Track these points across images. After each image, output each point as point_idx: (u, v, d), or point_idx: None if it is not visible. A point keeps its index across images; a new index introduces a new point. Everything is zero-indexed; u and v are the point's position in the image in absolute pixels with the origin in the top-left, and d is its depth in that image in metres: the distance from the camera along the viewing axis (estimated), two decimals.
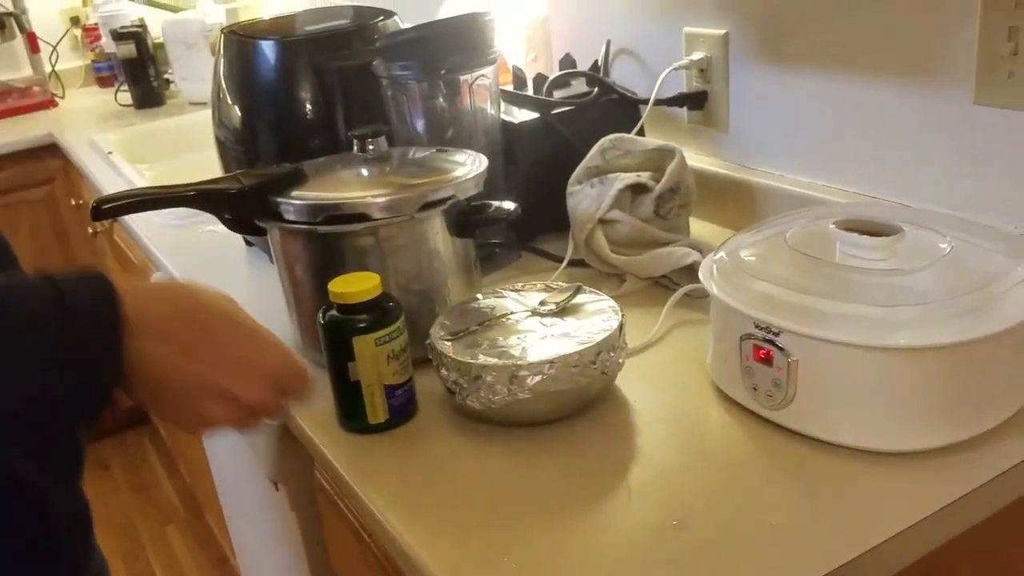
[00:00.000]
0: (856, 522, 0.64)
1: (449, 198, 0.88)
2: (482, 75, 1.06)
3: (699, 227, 1.19)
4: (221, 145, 1.25)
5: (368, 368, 0.79)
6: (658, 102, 1.20)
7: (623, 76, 1.34)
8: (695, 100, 1.19)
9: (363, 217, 0.85)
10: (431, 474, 0.76)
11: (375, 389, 0.79)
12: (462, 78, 1.05)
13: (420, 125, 1.07)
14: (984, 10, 0.84)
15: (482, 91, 1.08)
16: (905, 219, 0.79)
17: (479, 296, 0.90)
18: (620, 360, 0.81)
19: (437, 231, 0.90)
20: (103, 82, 2.88)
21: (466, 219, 0.91)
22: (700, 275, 0.81)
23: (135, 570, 2.22)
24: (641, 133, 1.21)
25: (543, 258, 1.13)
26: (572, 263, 1.09)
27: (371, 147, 0.94)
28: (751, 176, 1.15)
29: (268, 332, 0.69)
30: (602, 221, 1.06)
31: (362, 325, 0.78)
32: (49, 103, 2.63)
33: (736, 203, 1.16)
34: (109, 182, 1.81)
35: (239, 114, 1.20)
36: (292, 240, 0.90)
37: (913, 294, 0.72)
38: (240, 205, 0.88)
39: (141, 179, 1.78)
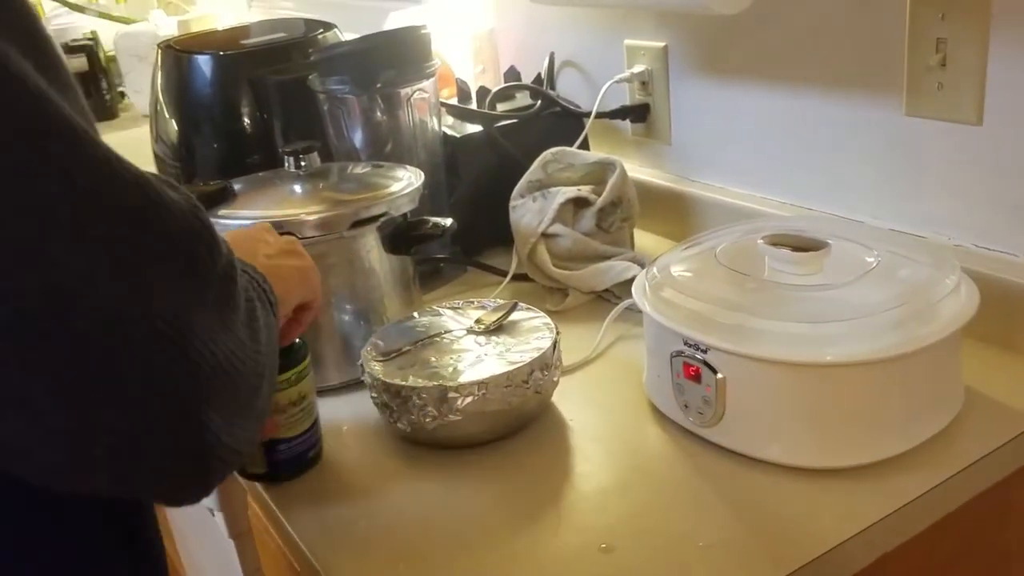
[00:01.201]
0: (785, 541, 0.64)
1: (382, 215, 0.87)
2: (420, 89, 1.05)
3: (644, 239, 1.18)
4: (159, 161, 1.23)
5: None
6: (601, 115, 1.20)
7: (569, 89, 1.33)
8: (637, 113, 1.19)
9: (291, 236, 0.83)
10: (361, 502, 0.74)
11: None
12: (400, 92, 1.04)
13: (358, 139, 1.06)
14: (912, 22, 0.84)
15: (421, 104, 1.07)
16: (835, 233, 0.79)
17: (415, 314, 0.88)
18: (555, 379, 0.80)
19: (371, 248, 0.88)
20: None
21: (401, 236, 0.89)
22: (633, 292, 0.80)
23: None
24: (585, 146, 1.21)
25: (489, 272, 1.12)
26: (517, 277, 1.08)
27: (303, 163, 0.93)
28: (692, 188, 1.15)
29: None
30: (544, 235, 1.05)
31: None
32: None
33: (679, 215, 1.16)
34: None
35: (176, 129, 1.19)
36: None
37: (839, 309, 0.71)
38: None
39: None
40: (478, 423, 0.76)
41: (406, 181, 0.92)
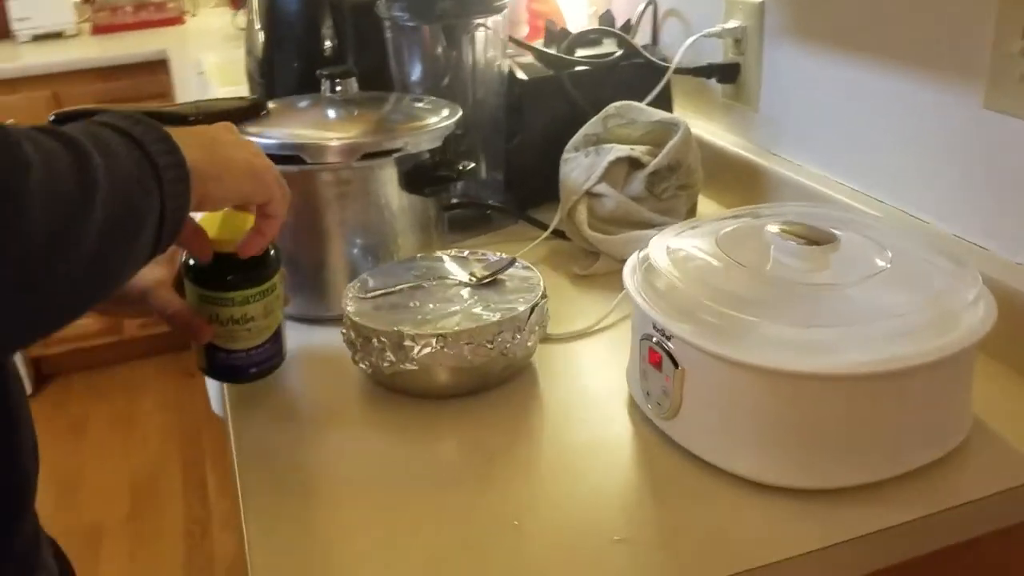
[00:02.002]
0: (702, 551, 0.58)
1: (397, 150, 0.85)
2: (483, 24, 1.01)
3: (711, 210, 1.10)
4: (249, 76, 1.26)
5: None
6: (683, 70, 1.11)
7: (672, 41, 1.25)
8: (725, 72, 1.10)
9: (297, 160, 0.82)
10: (306, 427, 0.74)
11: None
12: (462, 25, 1.00)
13: (416, 71, 1.04)
14: (1001, 6, 0.72)
15: (486, 41, 1.03)
16: (857, 226, 0.70)
17: (417, 257, 0.86)
18: (528, 343, 0.76)
19: (385, 183, 0.86)
20: (236, 3, 2.97)
21: (417, 175, 0.87)
22: (625, 266, 0.74)
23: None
24: (666, 102, 1.13)
25: (533, 225, 1.08)
26: (557, 233, 1.03)
27: (339, 87, 0.92)
28: (769, 162, 1.05)
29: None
30: (589, 194, 0.99)
31: (194, 270, 0.72)
32: (177, 20, 2.74)
33: (752, 189, 1.07)
34: (189, 99, 1.86)
35: (262, 45, 1.20)
36: None
37: (836, 312, 0.63)
38: None
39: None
40: (434, 376, 0.73)
41: (438, 118, 0.89)
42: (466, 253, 0.86)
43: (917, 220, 0.86)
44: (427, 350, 0.72)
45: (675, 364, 0.65)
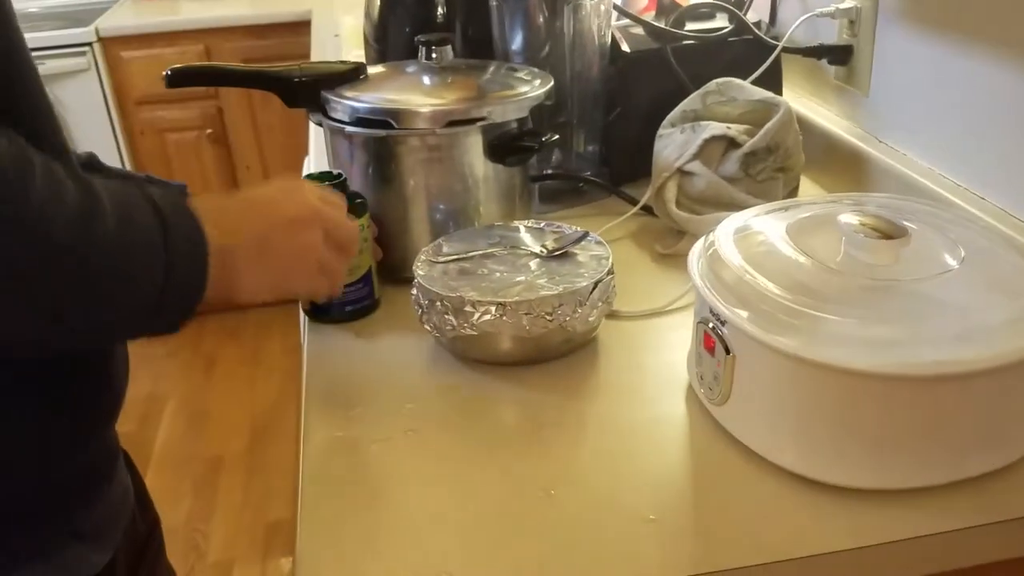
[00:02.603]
0: (732, 539, 0.58)
1: (482, 119, 0.86)
2: None
3: (813, 193, 1.07)
4: (365, 41, 1.29)
5: None
6: (792, 50, 1.07)
7: (792, 20, 1.20)
8: (837, 54, 1.05)
9: (386, 124, 0.85)
10: (372, 370, 0.78)
11: None
12: None
13: (517, 41, 1.04)
14: None
15: (588, 12, 1.02)
16: (939, 223, 0.67)
17: (495, 225, 0.88)
18: (590, 318, 0.76)
19: (468, 151, 0.88)
20: None
21: (500, 145, 0.88)
22: (693, 248, 0.73)
23: None
24: (773, 81, 1.09)
25: (624, 200, 1.07)
26: (646, 210, 1.02)
27: (434, 55, 0.94)
28: (876, 149, 1.01)
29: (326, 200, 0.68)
30: (681, 172, 0.98)
31: None
32: None
33: (855, 175, 1.03)
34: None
35: (377, 9, 1.24)
36: (333, 133, 0.92)
37: (899, 310, 0.61)
38: (293, 93, 0.92)
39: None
40: (493, 343, 0.75)
41: (529, 89, 0.90)
42: (543, 225, 0.87)
43: (1016, 220, 0.81)
44: (487, 317, 0.73)
45: (727, 350, 0.64)
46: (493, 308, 0.73)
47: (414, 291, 0.80)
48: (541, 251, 0.82)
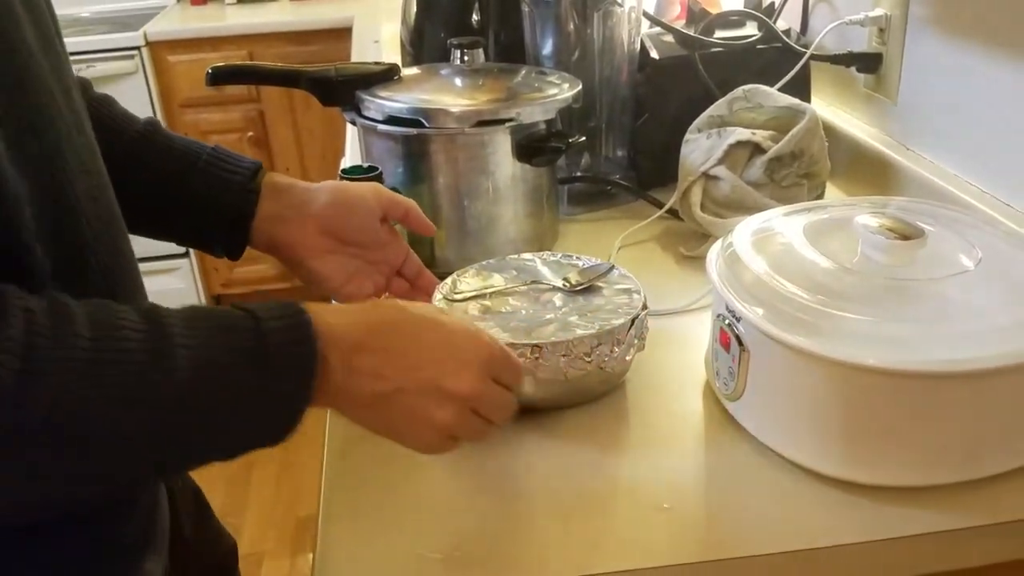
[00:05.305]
0: (742, 530, 0.59)
1: (510, 119, 0.88)
2: (615, 1, 1.02)
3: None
4: (402, 45, 1.33)
5: None
6: (821, 57, 1.08)
7: (822, 28, 1.21)
8: (866, 62, 1.06)
9: (417, 123, 0.88)
10: None
11: None
12: (593, 2, 1.02)
13: (548, 45, 1.07)
14: None
15: (618, 19, 1.04)
16: (957, 225, 0.67)
17: (510, 257, 0.83)
18: (627, 357, 0.71)
19: (496, 151, 0.90)
20: None
21: (528, 146, 0.90)
22: (713, 247, 0.75)
23: None
24: (802, 88, 1.10)
25: (650, 203, 1.09)
26: (672, 214, 1.04)
27: (466, 58, 0.96)
28: (903, 157, 1.01)
29: (469, 325, 0.62)
30: (707, 176, 0.99)
31: None
32: None
33: (882, 183, 1.03)
34: None
35: (414, 14, 1.27)
36: (366, 131, 0.95)
37: (913, 309, 0.62)
38: (329, 92, 0.94)
39: None
40: (527, 387, 0.68)
41: (557, 92, 0.92)
42: (559, 256, 0.82)
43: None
44: (521, 360, 0.65)
45: (741, 346, 0.65)
46: (529, 351, 0.67)
47: None
48: (564, 285, 0.77)
